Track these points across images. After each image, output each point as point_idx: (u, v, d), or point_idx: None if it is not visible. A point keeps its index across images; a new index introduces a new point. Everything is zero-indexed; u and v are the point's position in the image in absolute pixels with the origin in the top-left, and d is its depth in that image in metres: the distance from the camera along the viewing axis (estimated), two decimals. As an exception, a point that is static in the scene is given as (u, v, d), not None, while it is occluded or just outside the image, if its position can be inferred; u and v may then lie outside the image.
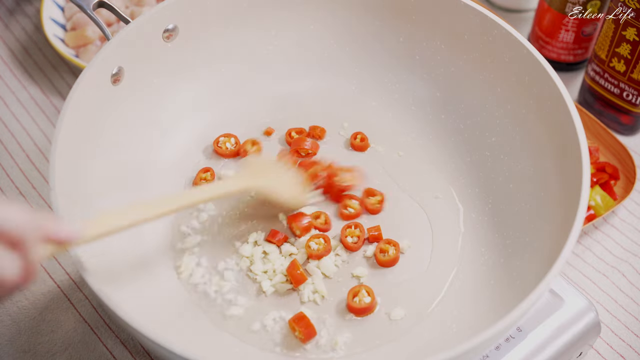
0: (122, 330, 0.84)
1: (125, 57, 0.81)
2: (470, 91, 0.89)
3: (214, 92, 0.92)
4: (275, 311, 0.78)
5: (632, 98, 0.99)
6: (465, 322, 0.76)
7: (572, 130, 0.75)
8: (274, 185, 0.82)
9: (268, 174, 0.83)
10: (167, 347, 0.62)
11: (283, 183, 0.84)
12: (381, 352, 0.75)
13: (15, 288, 0.54)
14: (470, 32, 0.87)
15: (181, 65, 0.88)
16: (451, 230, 0.84)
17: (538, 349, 0.76)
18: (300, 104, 0.94)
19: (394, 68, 0.93)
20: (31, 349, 0.82)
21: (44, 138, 1.01)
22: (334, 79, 0.94)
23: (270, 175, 0.83)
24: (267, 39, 0.93)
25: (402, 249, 0.82)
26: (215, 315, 0.77)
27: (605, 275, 0.91)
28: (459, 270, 0.81)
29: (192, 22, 0.87)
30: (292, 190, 0.84)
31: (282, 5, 0.91)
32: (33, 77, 1.07)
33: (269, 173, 0.84)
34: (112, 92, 0.81)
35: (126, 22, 0.83)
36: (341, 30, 0.93)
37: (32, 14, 1.14)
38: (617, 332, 0.87)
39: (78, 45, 1.05)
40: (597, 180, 0.95)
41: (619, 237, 0.95)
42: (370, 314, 0.78)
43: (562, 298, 0.79)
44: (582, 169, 0.72)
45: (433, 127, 0.91)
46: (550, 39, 1.07)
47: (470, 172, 0.88)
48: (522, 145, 0.84)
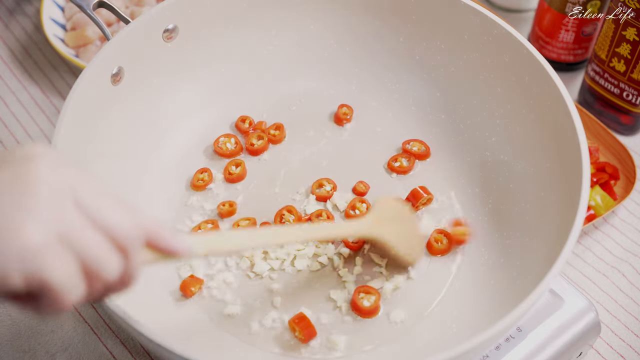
0: (122, 330, 0.84)
1: (125, 57, 0.81)
2: (470, 91, 0.89)
3: (214, 92, 0.92)
4: (275, 311, 0.78)
5: (632, 98, 0.99)
6: (465, 322, 0.76)
7: (572, 130, 0.75)
8: (397, 240, 0.78)
9: (394, 224, 0.79)
10: (167, 347, 0.62)
11: (406, 238, 0.80)
12: (381, 352, 0.75)
13: (112, 289, 0.55)
14: (470, 32, 0.87)
15: (181, 65, 0.88)
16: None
17: (538, 349, 0.76)
18: (300, 104, 0.94)
19: (394, 68, 0.93)
20: (31, 349, 0.82)
21: (44, 138, 1.01)
22: (334, 79, 0.94)
23: (396, 227, 0.79)
24: (267, 39, 0.93)
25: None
26: (215, 315, 0.77)
27: (605, 275, 0.91)
28: (459, 270, 0.81)
29: (192, 22, 0.87)
30: (412, 247, 0.80)
31: (282, 5, 0.91)
32: (33, 77, 1.07)
33: (395, 223, 0.79)
34: (112, 92, 0.81)
35: (126, 22, 0.83)
36: (341, 30, 0.93)
37: (32, 14, 1.14)
38: (617, 332, 0.87)
39: (78, 45, 1.05)
40: (597, 180, 0.95)
41: (619, 237, 0.95)
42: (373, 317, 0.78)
43: (562, 298, 0.78)
44: (582, 169, 0.72)
45: (433, 127, 0.91)
46: (550, 39, 1.07)
47: (470, 172, 0.88)
48: (522, 145, 0.84)
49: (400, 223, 0.80)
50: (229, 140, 0.90)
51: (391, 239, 0.78)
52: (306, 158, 0.90)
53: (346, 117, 0.92)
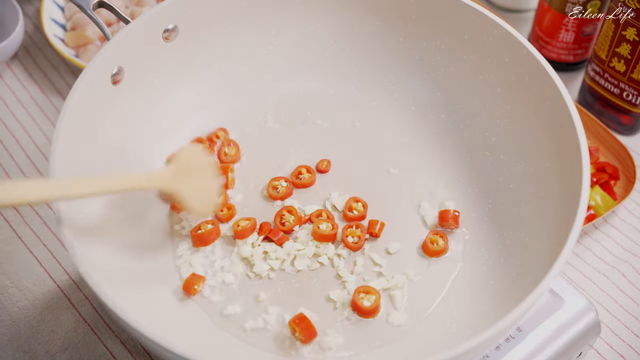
0: (122, 330, 0.84)
1: (125, 57, 0.81)
2: (470, 91, 0.89)
3: (214, 92, 0.92)
4: (275, 311, 0.78)
5: (632, 98, 0.99)
6: (465, 322, 0.76)
7: (572, 130, 0.75)
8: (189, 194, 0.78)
9: (189, 178, 0.79)
10: (167, 347, 0.62)
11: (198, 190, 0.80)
12: (381, 352, 0.75)
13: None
14: (470, 32, 0.87)
15: (181, 65, 0.88)
16: (451, 230, 0.84)
17: (538, 349, 0.76)
18: (300, 104, 0.94)
19: (394, 68, 0.93)
20: (31, 349, 0.82)
21: (44, 138, 1.01)
22: (334, 79, 0.94)
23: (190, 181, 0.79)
24: (267, 39, 0.93)
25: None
26: (215, 315, 0.77)
27: (605, 275, 0.91)
28: (459, 270, 0.81)
29: (192, 22, 0.87)
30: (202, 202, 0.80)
31: (282, 5, 0.91)
32: (33, 77, 1.07)
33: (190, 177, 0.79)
34: (112, 92, 0.81)
35: (126, 22, 0.83)
36: (341, 30, 0.93)
37: (32, 14, 1.14)
38: (617, 332, 0.87)
39: (78, 45, 1.05)
40: (597, 180, 0.95)
41: (619, 237, 0.95)
42: (373, 317, 0.78)
43: (562, 298, 0.78)
44: (582, 169, 0.72)
45: (433, 127, 0.91)
46: (550, 39, 1.07)
47: (470, 172, 0.88)
48: (522, 145, 0.84)
49: (196, 174, 0.80)
50: (229, 146, 0.89)
51: (183, 192, 0.78)
52: (305, 159, 0.89)
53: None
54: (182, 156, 0.80)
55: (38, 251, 0.90)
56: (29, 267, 0.88)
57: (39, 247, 0.90)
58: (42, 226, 0.92)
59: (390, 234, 0.83)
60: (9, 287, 0.86)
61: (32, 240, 0.91)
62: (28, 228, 0.92)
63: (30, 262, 0.89)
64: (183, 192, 0.78)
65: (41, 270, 0.88)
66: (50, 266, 0.89)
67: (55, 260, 0.89)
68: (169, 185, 0.77)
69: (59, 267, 0.89)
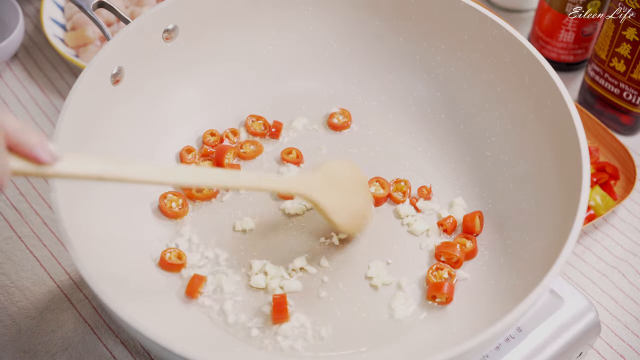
0: (122, 330, 0.84)
1: (125, 57, 0.81)
2: (470, 91, 0.89)
3: (214, 92, 0.92)
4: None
5: (632, 98, 0.99)
6: (465, 322, 0.76)
7: (572, 130, 0.75)
8: (337, 210, 0.75)
9: (337, 191, 0.76)
10: (167, 347, 0.62)
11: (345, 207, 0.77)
12: (381, 351, 0.75)
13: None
14: (470, 32, 0.87)
15: (181, 65, 0.88)
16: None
17: (538, 349, 0.76)
18: (300, 104, 0.94)
19: (394, 68, 0.93)
20: (31, 349, 0.82)
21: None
22: (334, 79, 0.94)
23: (338, 195, 0.75)
24: (267, 38, 0.93)
25: None
26: (215, 315, 0.77)
27: (605, 275, 0.92)
28: (459, 270, 0.81)
29: (192, 22, 0.87)
30: (351, 218, 0.78)
31: (282, 5, 0.91)
32: (33, 77, 1.07)
33: (338, 191, 0.76)
34: (112, 92, 0.81)
35: (126, 22, 0.83)
36: (341, 30, 0.93)
37: (32, 14, 1.14)
38: (617, 332, 0.87)
39: (78, 45, 1.05)
40: (597, 180, 0.95)
41: (619, 237, 0.95)
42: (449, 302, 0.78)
43: (562, 298, 0.79)
44: (582, 169, 0.73)
45: (433, 127, 0.91)
46: (550, 39, 1.07)
47: (470, 172, 0.88)
48: (522, 145, 0.84)
49: (345, 191, 0.77)
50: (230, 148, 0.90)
51: (327, 206, 0.75)
52: (304, 159, 0.90)
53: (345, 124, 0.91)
54: (329, 168, 0.77)
55: (38, 251, 0.90)
56: (29, 267, 0.88)
57: (39, 247, 0.90)
58: (42, 226, 0.92)
59: (390, 235, 0.83)
60: (9, 287, 0.87)
61: (32, 240, 0.91)
62: (28, 228, 0.92)
63: (30, 262, 0.89)
64: (324, 203, 0.75)
65: (41, 270, 0.88)
66: (50, 266, 0.89)
67: (55, 260, 0.89)
68: (309, 193, 0.74)
69: (59, 267, 0.89)
